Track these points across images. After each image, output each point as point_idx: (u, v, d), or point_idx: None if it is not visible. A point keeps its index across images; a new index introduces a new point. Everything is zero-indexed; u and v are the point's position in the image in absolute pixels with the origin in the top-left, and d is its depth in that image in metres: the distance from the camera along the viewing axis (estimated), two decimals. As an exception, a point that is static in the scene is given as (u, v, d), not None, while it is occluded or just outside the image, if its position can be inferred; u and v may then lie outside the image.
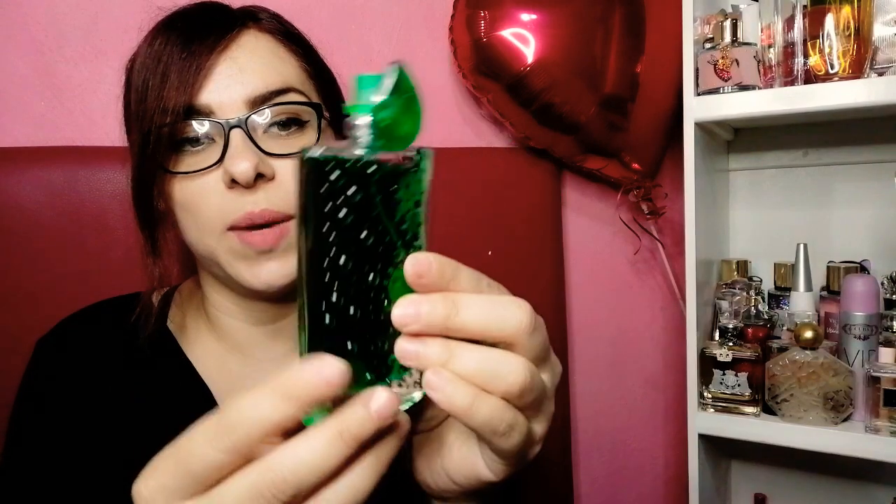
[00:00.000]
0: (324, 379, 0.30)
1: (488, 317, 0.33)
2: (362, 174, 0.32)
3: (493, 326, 0.33)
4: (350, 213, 0.32)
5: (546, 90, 0.93)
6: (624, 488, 1.19)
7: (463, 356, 0.32)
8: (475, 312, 0.32)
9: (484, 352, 0.33)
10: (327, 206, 0.31)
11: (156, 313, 0.64)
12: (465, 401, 0.32)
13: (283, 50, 0.61)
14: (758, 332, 0.90)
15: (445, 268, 0.33)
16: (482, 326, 0.33)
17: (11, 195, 0.80)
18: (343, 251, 0.32)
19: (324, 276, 0.32)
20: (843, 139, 0.98)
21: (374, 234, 0.33)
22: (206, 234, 0.57)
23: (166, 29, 0.58)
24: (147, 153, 0.56)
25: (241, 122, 0.55)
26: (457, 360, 0.32)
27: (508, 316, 0.33)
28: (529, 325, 0.34)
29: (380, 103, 0.32)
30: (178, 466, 0.32)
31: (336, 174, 0.31)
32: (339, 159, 0.31)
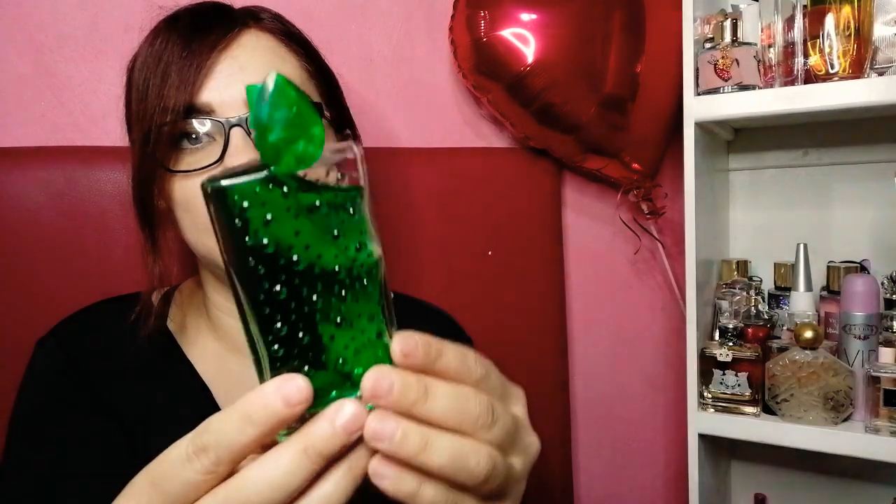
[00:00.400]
0: (283, 399, 0.30)
1: (453, 409, 0.33)
2: (275, 197, 0.29)
3: (454, 419, 0.33)
4: (272, 240, 0.29)
5: (546, 90, 0.93)
6: (624, 488, 1.19)
7: (435, 445, 0.32)
8: (443, 453, 0.32)
9: (455, 443, 0.32)
10: (245, 237, 0.29)
11: (156, 313, 0.64)
12: (411, 488, 0.32)
13: (283, 49, 0.61)
14: (758, 332, 0.90)
15: (430, 349, 0.32)
16: (444, 418, 0.32)
17: (11, 195, 0.80)
18: (274, 280, 0.30)
19: (263, 309, 0.30)
20: (843, 139, 0.98)
21: (305, 256, 0.30)
22: (205, 233, 0.57)
23: (167, 28, 0.58)
24: (147, 152, 0.56)
25: (241, 121, 0.55)
26: (430, 448, 0.31)
27: (470, 409, 0.33)
28: (487, 420, 0.33)
29: (260, 118, 0.28)
30: (154, 487, 0.33)
31: (246, 202, 0.28)
32: (243, 185, 0.28)
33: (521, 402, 0.40)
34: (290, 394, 0.30)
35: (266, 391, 0.30)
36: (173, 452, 0.32)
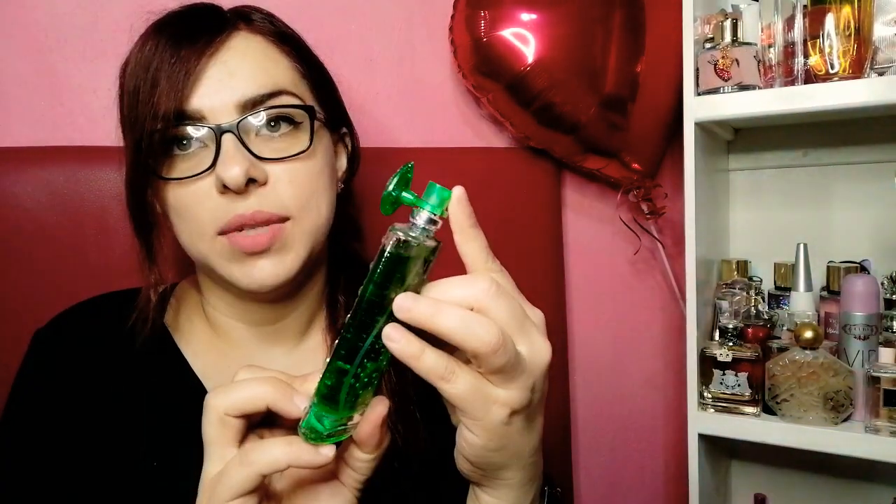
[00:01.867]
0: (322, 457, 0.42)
1: (462, 325, 0.38)
2: (420, 247, 0.40)
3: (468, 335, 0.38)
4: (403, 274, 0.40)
5: (546, 90, 0.93)
6: (624, 488, 1.19)
7: (444, 313, 0.38)
8: (451, 318, 0.38)
9: (463, 311, 0.39)
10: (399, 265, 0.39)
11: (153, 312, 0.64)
12: (415, 349, 0.38)
13: (274, 51, 0.61)
14: (758, 332, 0.90)
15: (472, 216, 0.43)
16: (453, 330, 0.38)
17: (11, 195, 0.80)
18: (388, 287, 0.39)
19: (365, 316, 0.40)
20: (843, 139, 0.98)
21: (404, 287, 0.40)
22: (198, 238, 0.57)
23: (156, 33, 0.57)
24: (139, 159, 0.56)
25: (232, 127, 0.55)
26: (440, 315, 0.38)
27: (481, 332, 0.38)
28: (491, 290, 0.39)
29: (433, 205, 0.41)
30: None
31: (405, 250, 0.39)
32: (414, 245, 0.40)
33: (537, 316, 0.43)
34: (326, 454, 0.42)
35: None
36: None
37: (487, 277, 0.40)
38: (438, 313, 0.38)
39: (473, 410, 0.40)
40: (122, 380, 0.62)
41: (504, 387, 0.40)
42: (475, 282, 0.40)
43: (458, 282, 0.40)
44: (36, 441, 0.59)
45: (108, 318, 0.64)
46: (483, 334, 0.37)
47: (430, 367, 0.38)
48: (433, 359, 0.38)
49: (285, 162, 0.57)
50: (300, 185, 0.58)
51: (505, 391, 0.40)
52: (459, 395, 0.39)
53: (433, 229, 0.41)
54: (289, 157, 0.57)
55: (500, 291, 0.39)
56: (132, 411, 0.60)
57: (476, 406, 0.40)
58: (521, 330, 0.41)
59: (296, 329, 0.67)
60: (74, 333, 0.63)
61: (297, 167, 0.58)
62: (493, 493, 0.47)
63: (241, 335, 0.66)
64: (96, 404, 0.60)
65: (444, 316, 0.38)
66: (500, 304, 0.39)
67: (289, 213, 0.57)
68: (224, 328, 0.66)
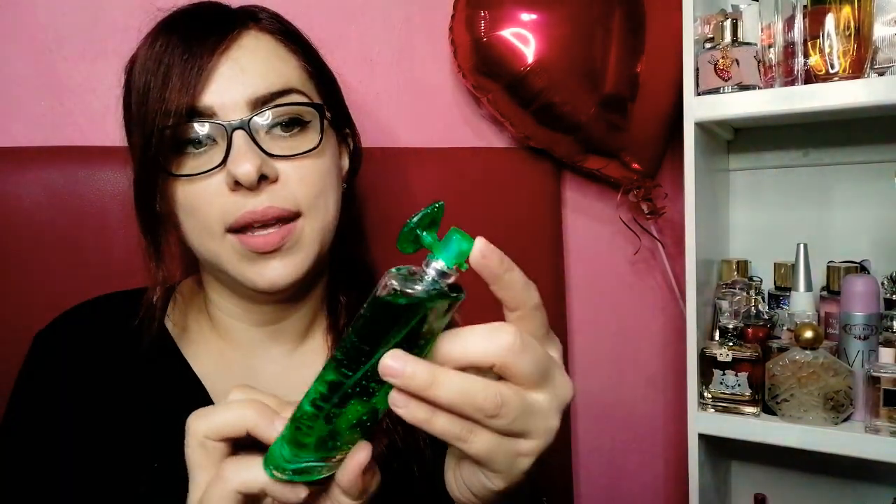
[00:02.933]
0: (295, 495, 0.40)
1: (461, 395, 0.36)
2: (421, 303, 0.35)
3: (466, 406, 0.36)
4: (399, 326, 0.36)
5: (546, 90, 0.93)
6: (624, 488, 1.19)
7: (443, 384, 0.36)
8: (450, 390, 0.36)
9: (464, 380, 0.36)
10: (384, 315, 0.35)
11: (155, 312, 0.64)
12: (423, 416, 0.36)
13: (283, 50, 0.61)
14: (758, 332, 0.90)
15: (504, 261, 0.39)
16: (452, 402, 0.36)
17: (11, 195, 0.80)
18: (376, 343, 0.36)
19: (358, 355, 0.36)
20: (843, 139, 0.98)
21: (409, 340, 0.36)
22: (208, 236, 0.57)
23: (166, 30, 0.58)
24: (149, 156, 0.56)
25: (243, 124, 0.55)
26: (438, 387, 0.35)
27: (479, 400, 0.36)
28: (514, 345, 0.37)
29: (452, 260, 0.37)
30: None
31: (403, 299, 0.35)
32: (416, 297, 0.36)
33: (557, 350, 0.42)
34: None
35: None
36: None
37: (512, 331, 0.37)
38: (435, 385, 0.35)
39: (497, 465, 0.38)
40: (123, 381, 0.61)
41: (526, 438, 0.39)
42: (498, 335, 0.37)
43: (480, 336, 0.37)
44: (38, 443, 0.59)
45: (110, 318, 0.64)
46: (482, 402, 0.36)
47: (444, 429, 0.37)
48: (445, 422, 0.36)
49: (295, 159, 0.57)
50: (310, 183, 0.58)
51: (527, 441, 0.39)
52: (481, 454, 0.38)
53: (444, 283, 0.36)
54: (299, 154, 0.57)
55: (524, 346, 0.37)
56: (133, 413, 0.60)
57: (499, 461, 0.38)
58: (545, 378, 0.39)
59: (297, 330, 0.67)
60: (75, 335, 0.63)
61: (307, 165, 0.58)
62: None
63: (243, 335, 0.66)
64: (97, 406, 0.60)
65: (443, 388, 0.35)
66: (524, 361, 0.37)
67: (299, 209, 0.57)
68: (226, 328, 0.66)
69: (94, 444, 0.59)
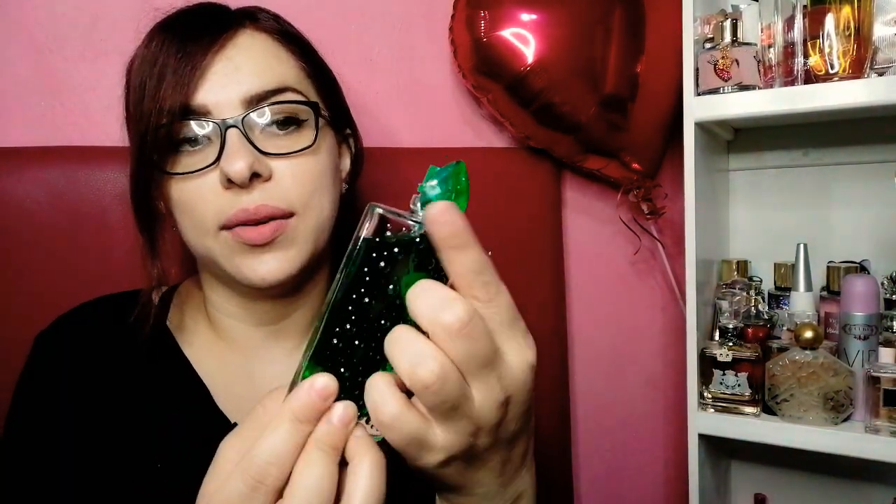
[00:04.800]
0: (316, 392, 0.35)
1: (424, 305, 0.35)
2: (410, 241, 0.36)
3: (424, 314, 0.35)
4: (388, 266, 0.36)
5: (546, 90, 0.93)
6: (624, 488, 1.19)
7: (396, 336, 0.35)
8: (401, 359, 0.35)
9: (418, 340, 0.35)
10: (373, 255, 0.36)
11: (155, 312, 0.64)
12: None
13: (280, 49, 0.61)
14: (758, 332, 0.90)
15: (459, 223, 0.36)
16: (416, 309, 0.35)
17: (11, 195, 0.80)
18: (370, 293, 0.36)
19: (347, 306, 0.36)
20: (843, 139, 0.98)
21: (397, 287, 0.36)
22: (202, 234, 0.57)
23: (163, 30, 0.58)
24: (145, 154, 0.56)
25: (237, 122, 0.55)
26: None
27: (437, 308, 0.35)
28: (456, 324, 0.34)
29: (431, 189, 0.37)
30: None
31: (390, 234, 0.36)
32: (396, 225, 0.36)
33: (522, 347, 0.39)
34: (322, 385, 0.35)
35: (302, 391, 0.35)
36: (229, 490, 0.35)
37: (460, 312, 0.34)
38: (391, 343, 0.35)
39: (400, 444, 0.36)
40: (125, 382, 0.62)
41: (440, 427, 0.37)
42: (445, 311, 0.34)
43: (430, 302, 0.35)
44: (40, 445, 0.59)
45: (110, 319, 0.64)
46: (423, 374, 0.34)
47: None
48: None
49: (289, 158, 0.57)
50: (304, 182, 0.58)
51: (443, 434, 0.37)
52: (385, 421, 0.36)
53: None
54: (293, 152, 0.57)
55: (461, 332, 0.34)
56: (136, 413, 0.60)
57: (410, 449, 0.37)
58: (479, 375, 0.36)
59: (298, 329, 0.67)
60: (77, 335, 0.63)
61: (302, 163, 0.58)
62: None
63: (243, 335, 0.66)
64: (100, 407, 0.60)
65: (397, 349, 0.35)
66: (456, 345, 0.35)
67: (293, 208, 0.57)
68: (226, 329, 0.66)
69: (97, 445, 0.59)
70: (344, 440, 0.35)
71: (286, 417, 0.35)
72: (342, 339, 0.37)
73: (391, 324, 0.37)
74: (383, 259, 0.36)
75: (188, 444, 0.42)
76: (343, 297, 0.36)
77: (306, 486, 0.34)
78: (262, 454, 0.34)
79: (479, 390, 0.37)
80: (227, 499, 0.35)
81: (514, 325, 0.38)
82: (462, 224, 0.35)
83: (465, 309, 0.34)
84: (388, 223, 0.36)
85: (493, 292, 0.36)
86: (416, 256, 0.36)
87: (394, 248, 0.36)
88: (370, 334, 0.37)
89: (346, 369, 0.37)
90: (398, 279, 0.36)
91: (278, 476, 0.34)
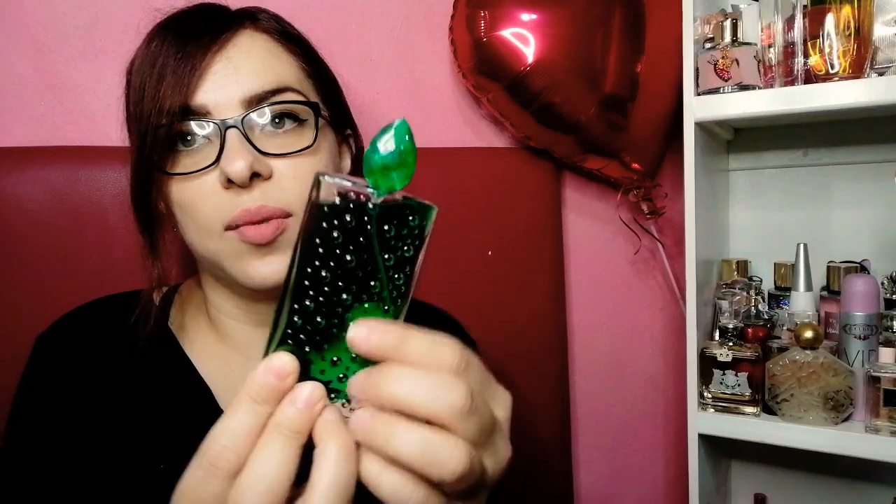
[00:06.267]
0: (272, 372, 0.33)
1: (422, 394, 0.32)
2: (362, 207, 0.34)
3: (423, 403, 0.32)
4: (342, 235, 0.34)
5: (546, 90, 0.93)
6: (624, 488, 1.19)
7: (402, 436, 0.32)
8: (408, 388, 0.32)
9: (424, 433, 0.32)
10: (324, 223, 0.34)
11: (156, 313, 0.64)
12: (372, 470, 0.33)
13: (280, 49, 0.61)
14: (758, 332, 0.90)
15: (388, 336, 0.33)
16: (411, 403, 0.32)
17: (11, 195, 0.80)
18: (325, 265, 0.34)
19: (303, 281, 0.34)
20: (843, 139, 0.98)
21: (360, 260, 0.35)
22: (205, 235, 0.57)
23: (163, 31, 0.58)
24: (144, 154, 0.56)
25: (237, 122, 0.55)
26: (397, 439, 0.32)
27: (444, 393, 0.32)
28: (464, 407, 0.32)
29: (377, 149, 0.35)
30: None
31: (340, 200, 0.34)
32: (345, 192, 0.34)
33: (503, 406, 0.38)
34: (279, 366, 0.33)
35: (258, 372, 0.33)
36: (188, 476, 0.34)
37: (463, 391, 0.32)
38: (392, 438, 0.32)
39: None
40: (126, 383, 0.61)
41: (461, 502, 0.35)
42: (448, 392, 0.32)
43: (427, 385, 0.32)
44: (42, 446, 0.59)
45: (111, 320, 0.64)
46: (446, 460, 0.32)
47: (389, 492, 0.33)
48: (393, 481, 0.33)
49: (289, 157, 0.57)
50: (304, 181, 0.58)
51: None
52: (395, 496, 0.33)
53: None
54: (293, 152, 0.57)
55: (473, 409, 0.32)
56: (138, 414, 0.60)
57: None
58: (485, 444, 0.35)
59: None
60: (77, 337, 0.63)
61: (302, 163, 0.58)
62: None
63: (244, 336, 0.66)
64: (101, 408, 0.60)
65: (401, 441, 0.32)
66: (469, 424, 0.33)
67: (292, 208, 0.57)
68: (227, 330, 0.66)
69: (99, 446, 0.59)
70: (308, 424, 0.33)
71: (243, 399, 0.33)
72: (302, 317, 0.35)
73: (352, 299, 0.35)
74: (335, 228, 0.34)
75: (191, 446, 0.42)
76: (298, 273, 0.34)
77: (259, 472, 0.32)
78: (217, 437, 0.33)
79: (488, 458, 0.36)
80: (186, 485, 0.34)
81: (488, 376, 0.37)
82: (382, 330, 0.33)
83: (463, 384, 0.33)
84: (343, 192, 0.34)
85: (460, 359, 0.34)
86: (372, 224, 0.34)
87: (344, 215, 0.34)
88: (330, 310, 0.35)
89: (310, 347, 0.35)
90: (355, 249, 0.34)
91: (233, 460, 0.33)
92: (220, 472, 0.33)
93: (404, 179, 0.35)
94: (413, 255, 0.36)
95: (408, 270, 0.36)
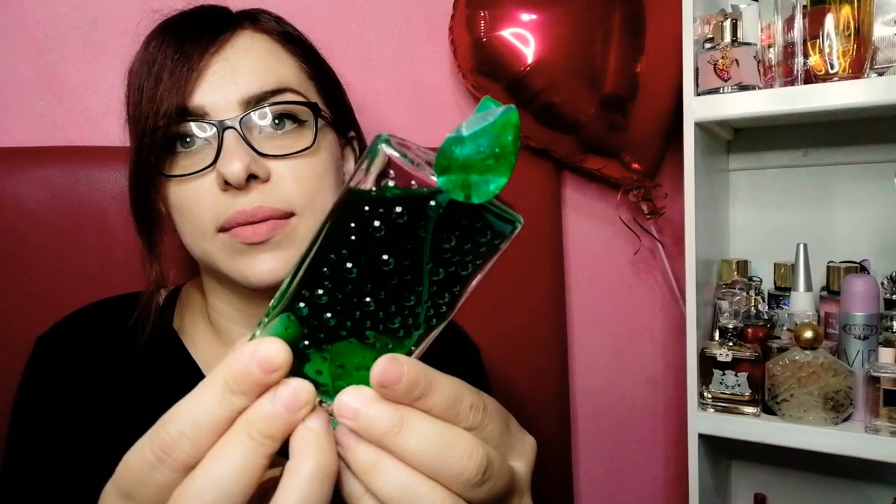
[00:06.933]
0: (258, 361, 0.27)
1: (430, 453, 0.29)
2: (421, 202, 0.26)
3: (432, 464, 0.29)
4: (385, 228, 0.27)
5: (546, 90, 0.92)
6: (624, 488, 1.19)
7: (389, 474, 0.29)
8: (417, 442, 0.29)
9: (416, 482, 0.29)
10: (366, 207, 0.27)
11: (158, 314, 0.64)
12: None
13: (280, 50, 0.61)
14: (758, 332, 0.90)
15: (418, 381, 0.29)
16: (419, 460, 0.29)
17: (11, 195, 0.80)
18: (354, 258, 0.28)
19: (321, 267, 0.28)
20: (843, 139, 0.98)
21: (400, 265, 0.28)
22: (200, 236, 0.57)
23: (162, 32, 0.58)
24: (143, 156, 0.56)
25: (235, 123, 0.55)
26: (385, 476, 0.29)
27: (454, 461, 0.29)
28: (473, 479, 0.29)
29: (463, 140, 0.25)
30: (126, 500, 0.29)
31: (393, 186, 0.26)
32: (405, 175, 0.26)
33: (525, 455, 0.35)
34: (264, 357, 0.27)
35: (241, 356, 0.28)
36: (135, 455, 0.29)
37: (477, 457, 0.29)
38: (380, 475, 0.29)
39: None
40: (129, 384, 0.61)
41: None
42: (457, 458, 0.29)
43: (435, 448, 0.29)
44: (44, 448, 0.59)
45: (111, 322, 0.64)
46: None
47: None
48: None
49: (289, 159, 0.57)
50: (304, 183, 0.57)
51: None
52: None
53: None
54: (292, 153, 0.57)
55: (485, 478, 0.30)
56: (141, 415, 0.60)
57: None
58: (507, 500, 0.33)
59: None
60: (78, 338, 0.63)
61: (301, 164, 0.58)
62: None
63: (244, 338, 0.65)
64: (103, 409, 0.60)
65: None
66: (480, 493, 0.30)
67: (292, 209, 0.57)
68: (227, 333, 0.65)
69: (101, 447, 0.59)
70: (285, 430, 0.28)
71: (216, 382, 0.28)
72: (310, 306, 0.29)
73: (377, 307, 0.28)
74: (378, 217, 0.27)
75: None
76: (317, 256, 0.28)
77: (214, 475, 0.27)
78: (175, 420, 0.28)
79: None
80: (131, 463, 0.29)
81: (510, 427, 0.33)
82: (412, 371, 0.28)
83: (481, 451, 0.30)
84: (394, 172, 0.26)
85: (481, 410, 0.31)
86: (429, 228, 0.27)
87: (395, 207, 0.26)
88: (346, 309, 0.29)
89: (310, 342, 0.29)
90: (398, 252, 0.27)
91: (190, 452, 0.28)
92: (172, 462, 0.28)
93: (486, 191, 0.26)
94: (469, 275, 0.29)
95: (457, 290, 0.29)
